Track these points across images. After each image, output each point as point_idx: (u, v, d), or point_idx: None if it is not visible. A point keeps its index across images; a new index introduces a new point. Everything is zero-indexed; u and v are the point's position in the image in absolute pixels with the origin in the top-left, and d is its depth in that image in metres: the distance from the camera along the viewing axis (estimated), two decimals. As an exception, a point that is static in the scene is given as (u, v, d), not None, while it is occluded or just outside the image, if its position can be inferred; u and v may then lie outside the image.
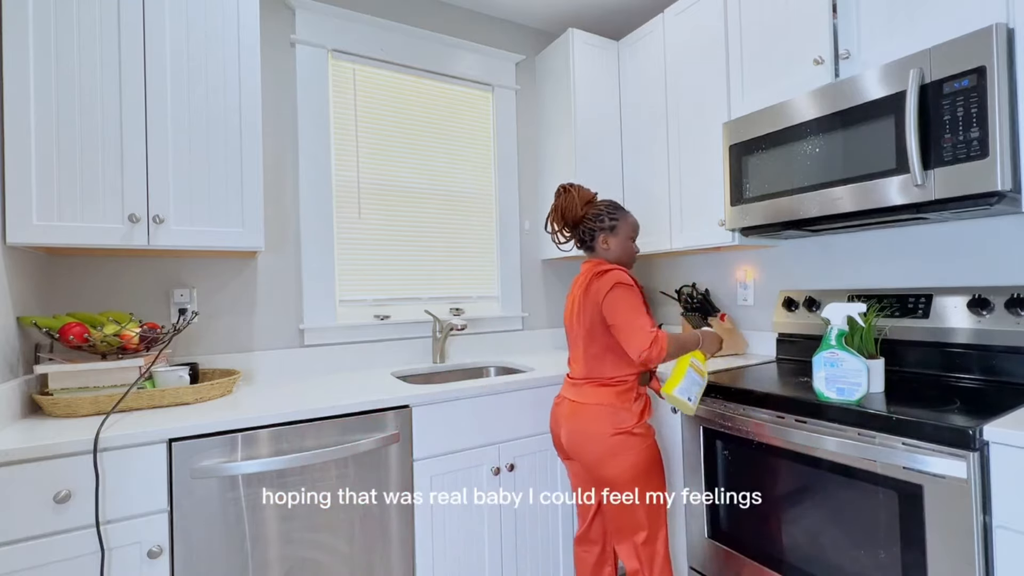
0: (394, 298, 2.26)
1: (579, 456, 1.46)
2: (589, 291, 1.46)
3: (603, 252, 1.56)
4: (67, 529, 1.15)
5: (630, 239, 1.58)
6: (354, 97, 2.18)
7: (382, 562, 1.52)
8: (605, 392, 1.46)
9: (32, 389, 1.45)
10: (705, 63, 2.02)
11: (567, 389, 1.55)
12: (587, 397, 1.47)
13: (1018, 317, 1.40)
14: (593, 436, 1.43)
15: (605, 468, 1.42)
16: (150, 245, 1.48)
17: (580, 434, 1.45)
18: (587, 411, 1.45)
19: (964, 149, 1.25)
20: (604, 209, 1.56)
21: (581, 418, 1.46)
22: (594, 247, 1.57)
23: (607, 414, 1.43)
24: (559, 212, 1.57)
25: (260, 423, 1.36)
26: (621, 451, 1.41)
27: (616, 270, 1.44)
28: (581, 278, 1.53)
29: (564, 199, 1.57)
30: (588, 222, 1.55)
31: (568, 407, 1.51)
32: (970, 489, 1.06)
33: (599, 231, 1.55)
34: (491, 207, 2.52)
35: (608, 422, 1.42)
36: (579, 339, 1.51)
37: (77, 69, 1.40)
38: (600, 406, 1.44)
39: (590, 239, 1.56)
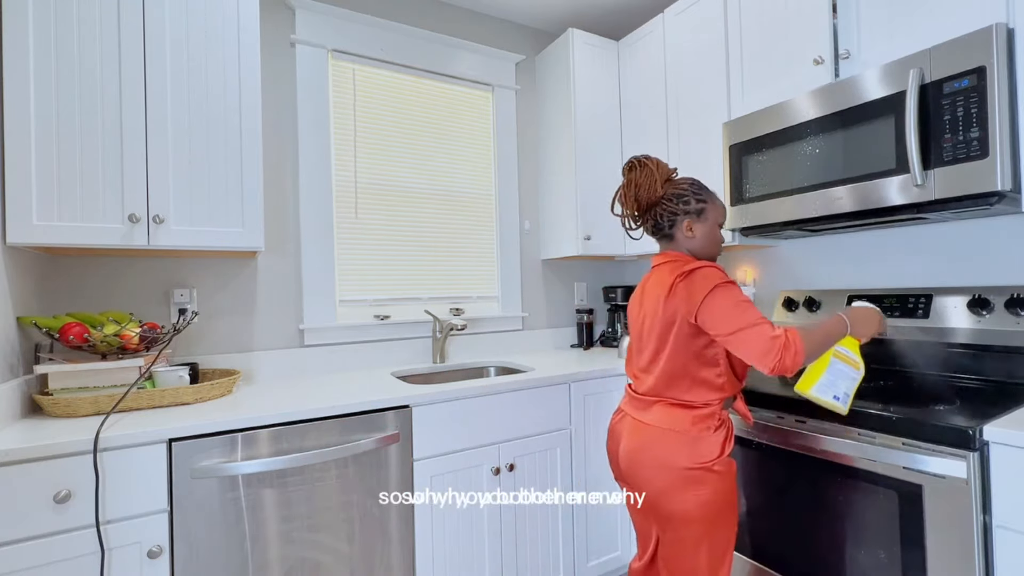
0: (394, 298, 2.26)
1: (638, 484, 1.23)
2: (675, 295, 1.18)
3: (686, 241, 1.29)
4: (67, 529, 1.15)
5: (718, 226, 1.31)
6: (354, 97, 2.18)
7: (382, 562, 1.52)
8: (681, 415, 1.19)
9: (32, 389, 1.45)
10: (705, 63, 2.02)
11: (629, 405, 1.32)
12: (657, 419, 1.22)
13: (1018, 317, 1.40)
14: (661, 466, 1.18)
15: (670, 503, 1.18)
16: (150, 245, 1.48)
17: (644, 460, 1.21)
18: (656, 436, 1.20)
19: (964, 149, 1.25)
20: (688, 188, 1.28)
21: (648, 442, 1.21)
22: (674, 235, 1.29)
23: (683, 443, 1.17)
24: (632, 190, 1.29)
25: (260, 423, 1.36)
26: (694, 488, 1.16)
27: (708, 267, 1.18)
28: (657, 277, 1.27)
29: (640, 174, 1.28)
30: (668, 203, 1.27)
31: (631, 425, 1.28)
32: (970, 489, 1.06)
33: (683, 215, 1.27)
34: (491, 207, 2.52)
35: (683, 453, 1.17)
36: (652, 350, 1.25)
37: (77, 69, 1.40)
38: (674, 432, 1.19)
39: (669, 225, 1.28)
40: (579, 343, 2.65)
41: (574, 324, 2.75)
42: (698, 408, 1.20)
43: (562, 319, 2.71)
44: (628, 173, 1.31)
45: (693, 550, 1.18)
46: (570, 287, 2.74)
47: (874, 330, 1.24)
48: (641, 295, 1.33)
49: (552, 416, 1.85)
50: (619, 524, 2.00)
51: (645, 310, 1.29)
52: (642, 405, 1.27)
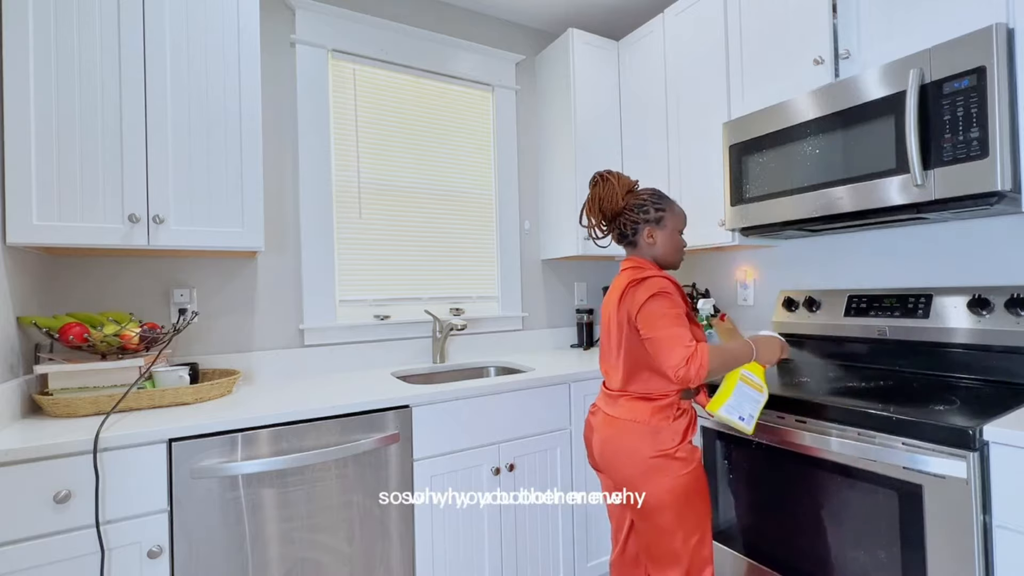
0: (394, 298, 2.26)
1: (610, 473, 1.33)
2: (625, 300, 1.30)
3: (647, 248, 1.39)
4: (67, 529, 1.15)
5: (678, 232, 1.41)
6: (354, 97, 2.18)
7: (382, 562, 1.52)
8: (642, 407, 1.29)
9: (32, 389, 1.45)
10: (705, 63, 2.02)
11: (602, 400, 1.41)
12: (622, 412, 1.31)
13: (1018, 317, 1.40)
14: (628, 455, 1.27)
15: (639, 489, 1.27)
16: (150, 245, 1.48)
17: (613, 450, 1.30)
18: (622, 427, 1.30)
19: (964, 149, 1.25)
20: (648, 199, 1.38)
21: (616, 433, 1.31)
22: (637, 242, 1.39)
23: (645, 432, 1.27)
24: (596, 203, 1.39)
25: (260, 423, 1.36)
26: (658, 475, 1.24)
27: (656, 277, 1.27)
28: (619, 280, 1.37)
29: (602, 188, 1.39)
30: (630, 213, 1.37)
31: (602, 419, 1.37)
32: (970, 489, 1.06)
33: (643, 224, 1.37)
34: (491, 207, 2.52)
35: (645, 441, 1.26)
36: (614, 348, 1.36)
37: (77, 69, 1.40)
38: (636, 423, 1.28)
39: (632, 233, 1.39)
40: (579, 343, 2.66)
41: (574, 324, 2.75)
42: (656, 399, 1.30)
43: (562, 319, 2.71)
44: (592, 188, 1.42)
45: (669, 535, 1.26)
46: (570, 287, 2.75)
47: (776, 356, 1.35)
48: (609, 294, 1.42)
49: (552, 416, 1.85)
50: (619, 524, 2.00)
51: (609, 309, 1.39)
52: (611, 399, 1.37)
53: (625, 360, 1.32)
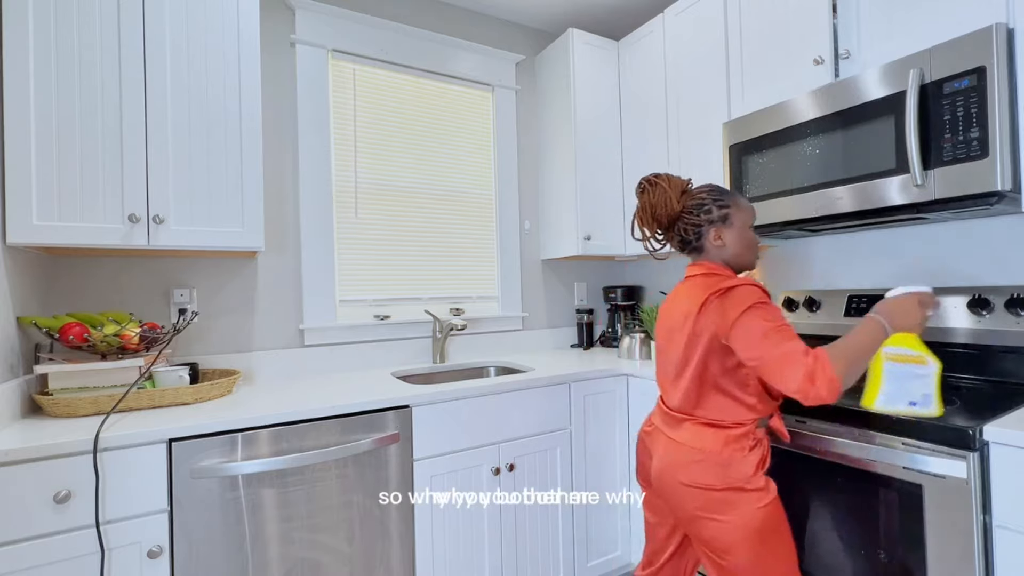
0: (394, 298, 2.26)
1: (669, 503, 1.19)
2: (706, 313, 1.13)
3: (716, 251, 1.24)
4: (67, 529, 1.15)
5: (748, 227, 1.25)
6: (354, 97, 2.18)
7: (382, 562, 1.52)
8: (712, 435, 1.14)
9: (32, 389, 1.45)
10: (705, 63, 2.02)
11: (661, 419, 1.27)
12: (688, 438, 1.16)
13: (1018, 317, 1.40)
14: (692, 487, 1.13)
15: (703, 527, 1.12)
16: (150, 245, 1.48)
17: (674, 481, 1.16)
18: (686, 456, 1.15)
19: (964, 149, 1.25)
20: (707, 197, 1.25)
21: (678, 461, 1.16)
22: (703, 246, 1.25)
23: (713, 464, 1.11)
24: (649, 211, 1.26)
25: (260, 423, 1.36)
26: (728, 510, 1.10)
27: (746, 286, 1.11)
28: (690, 289, 1.21)
29: (652, 194, 1.26)
30: (690, 216, 1.24)
31: (664, 443, 1.22)
32: (970, 489, 1.06)
33: (707, 225, 1.23)
34: (491, 207, 2.52)
35: (713, 474, 1.11)
36: (679, 366, 1.20)
37: (77, 69, 1.40)
38: (704, 452, 1.13)
39: (696, 237, 1.25)
40: (579, 343, 2.66)
41: (574, 324, 2.75)
42: (729, 428, 1.14)
43: (562, 319, 2.71)
44: (641, 196, 1.29)
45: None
46: (570, 287, 2.75)
47: (916, 317, 1.06)
48: (672, 304, 1.27)
49: (552, 416, 1.85)
50: (619, 524, 2.00)
51: (674, 321, 1.23)
52: (672, 421, 1.23)
53: (695, 381, 1.17)
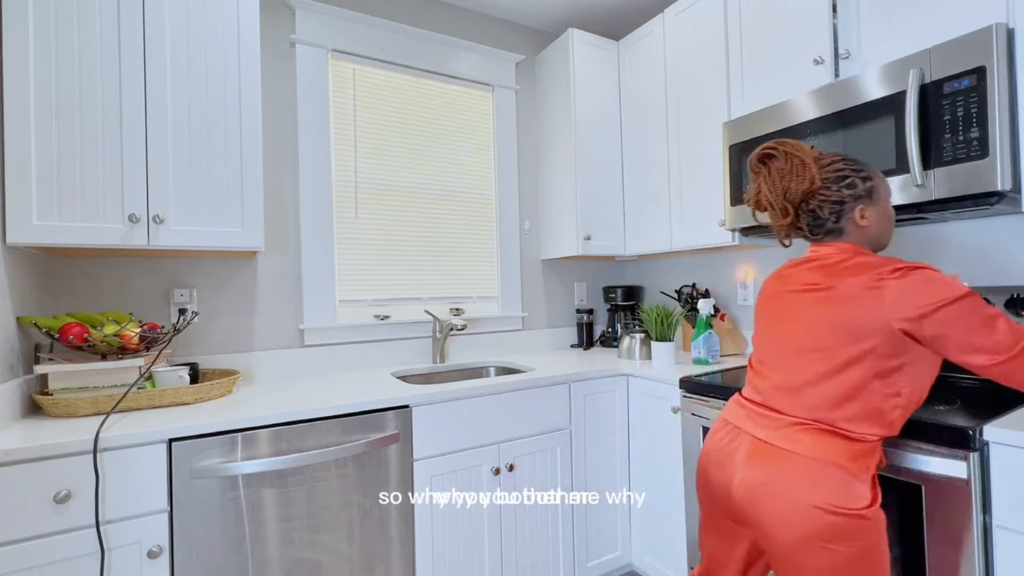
0: (394, 298, 2.26)
1: (766, 525, 0.98)
2: (882, 298, 0.94)
3: (858, 232, 1.06)
4: (67, 529, 1.15)
5: (888, 200, 1.09)
6: (354, 97, 2.18)
7: (382, 562, 1.52)
8: (837, 446, 0.96)
9: (32, 389, 1.45)
10: (705, 63, 2.02)
11: (752, 422, 1.06)
12: (806, 447, 0.97)
13: (1018, 317, 1.40)
14: (804, 506, 0.94)
15: (811, 556, 0.93)
16: (150, 245, 1.48)
17: (778, 496, 0.96)
18: (802, 467, 0.96)
19: (964, 149, 1.25)
20: (847, 167, 1.06)
21: (787, 473, 0.96)
22: (841, 228, 1.06)
23: (835, 480, 0.94)
24: (780, 188, 1.05)
25: (260, 423, 1.36)
26: (840, 539, 0.92)
27: (928, 268, 0.95)
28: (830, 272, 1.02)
29: (785, 165, 1.05)
30: (828, 191, 1.04)
31: (758, 449, 1.02)
32: (970, 489, 1.06)
33: (851, 201, 1.04)
34: (491, 207, 2.52)
35: (832, 491, 0.93)
36: (819, 363, 1.00)
37: (77, 69, 1.40)
38: (823, 464, 0.95)
39: (835, 218, 1.05)
40: (579, 343, 2.66)
41: (574, 324, 2.75)
42: (857, 442, 0.97)
43: (562, 319, 2.71)
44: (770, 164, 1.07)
45: None
46: (570, 287, 2.75)
47: None
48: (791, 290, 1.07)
49: (552, 416, 1.85)
50: (619, 524, 2.00)
51: (802, 310, 1.04)
52: (777, 425, 1.02)
53: (842, 381, 0.98)
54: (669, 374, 1.81)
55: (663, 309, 2.02)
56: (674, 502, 1.81)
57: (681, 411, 1.73)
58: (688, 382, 1.70)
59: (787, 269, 1.13)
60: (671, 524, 1.82)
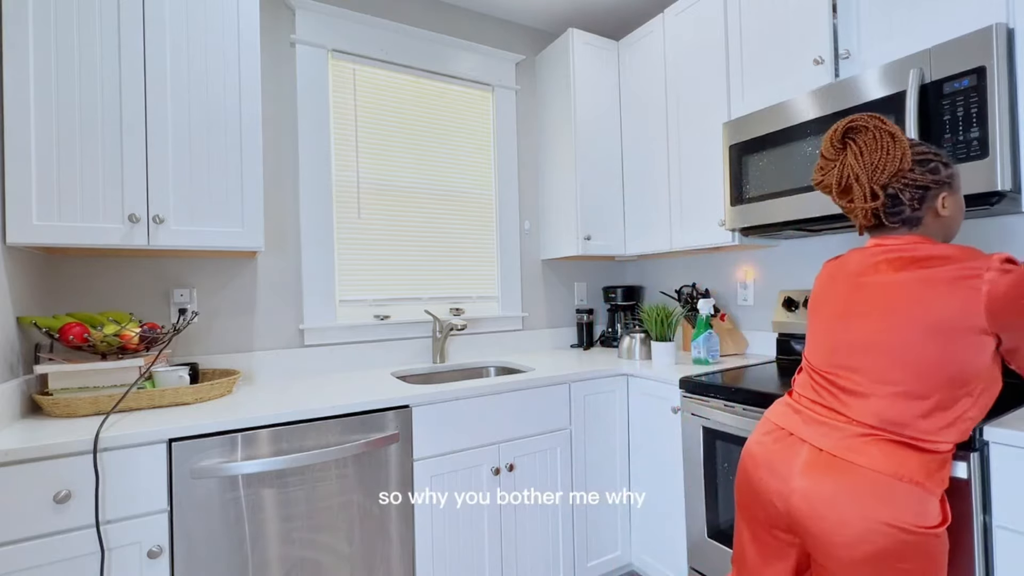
0: (394, 298, 2.26)
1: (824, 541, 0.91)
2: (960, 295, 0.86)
3: (934, 224, 0.98)
4: (67, 529, 1.15)
5: (962, 207, 1.03)
6: (354, 97, 2.18)
7: (382, 562, 1.52)
8: (912, 460, 0.88)
9: (32, 389, 1.45)
10: (705, 63, 2.02)
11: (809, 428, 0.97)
12: (876, 461, 0.89)
13: (1018, 317, 1.40)
14: (876, 524, 0.87)
15: (874, 574, 0.87)
16: (150, 245, 1.48)
17: (843, 513, 0.89)
18: (871, 483, 0.88)
19: (964, 149, 1.25)
20: (929, 151, 0.97)
21: (851, 488, 0.89)
22: (919, 217, 0.97)
23: (910, 497, 0.87)
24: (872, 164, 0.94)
25: (260, 423, 1.36)
26: (910, 558, 0.86)
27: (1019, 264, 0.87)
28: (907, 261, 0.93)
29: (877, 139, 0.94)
30: (915, 175, 0.94)
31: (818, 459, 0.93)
32: (970, 489, 1.06)
33: (935, 188, 0.95)
34: (491, 207, 2.52)
35: (906, 509, 0.86)
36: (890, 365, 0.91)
37: (77, 70, 1.40)
38: (896, 480, 0.88)
39: (915, 205, 0.96)
40: (579, 343, 2.66)
41: (574, 324, 2.75)
42: (931, 453, 0.90)
43: (562, 319, 2.71)
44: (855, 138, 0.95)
45: None
46: (570, 287, 2.75)
47: None
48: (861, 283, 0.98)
49: (552, 416, 1.85)
50: (619, 524, 2.00)
51: (876, 304, 0.94)
52: (842, 435, 0.93)
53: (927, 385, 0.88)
54: (669, 374, 1.81)
55: (663, 309, 2.02)
56: (674, 502, 1.81)
57: (681, 411, 1.73)
58: (688, 382, 1.70)
59: (855, 254, 1.03)
60: (671, 524, 1.82)
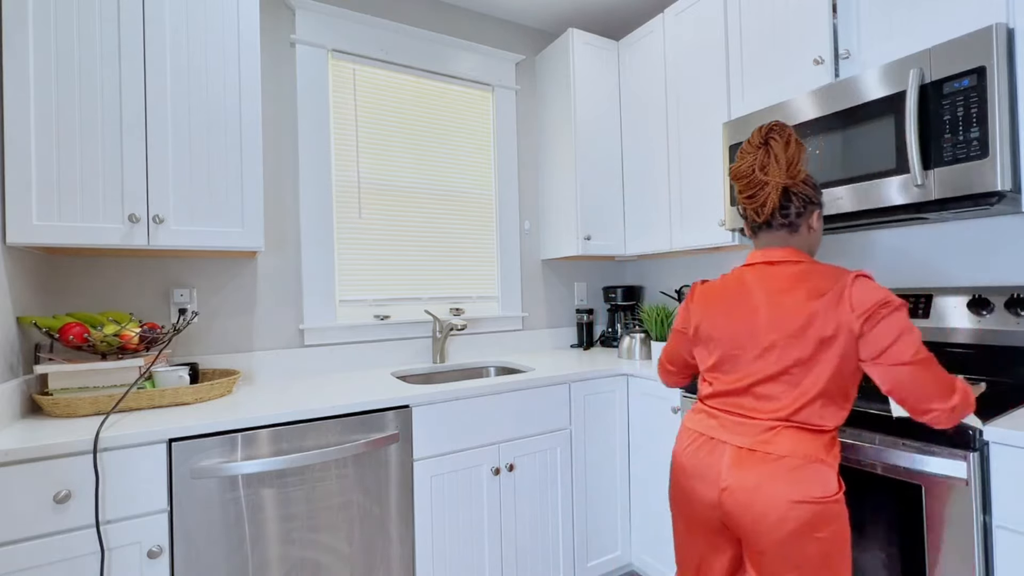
0: (394, 298, 2.26)
1: (757, 527, 1.00)
2: (838, 302, 0.99)
3: (808, 235, 1.12)
4: (67, 529, 1.15)
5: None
6: (354, 97, 2.18)
7: (382, 562, 1.52)
8: (813, 441, 1.01)
9: (32, 389, 1.45)
10: (705, 63, 2.02)
11: (726, 431, 1.08)
12: (790, 448, 1.00)
13: (1018, 317, 1.40)
14: (796, 503, 0.97)
15: (800, 548, 0.97)
16: (150, 245, 1.48)
17: (769, 499, 0.98)
18: (788, 469, 0.99)
19: (964, 149, 1.25)
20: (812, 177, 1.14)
21: (777, 477, 0.99)
22: (799, 226, 1.10)
23: (817, 474, 0.98)
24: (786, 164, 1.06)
25: (260, 423, 1.36)
26: (824, 526, 0.97)
27: (874, 282, 1.01)
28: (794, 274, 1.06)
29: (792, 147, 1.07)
30: (806, 188, 1.08)
31: (740, 457, 1.03)
32: (970, 489, 1.06)
33: (814, 205, 1.10)
34: (491, 207, 2.52)
35: (816, 484, 0.98)
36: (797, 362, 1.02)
37: (77, 69, 1.40)
38: (806, 461, 0.99)
39: (798, 214, 1.09)
40: (579, 343, 2.65)
41: (574, 324, 2.75)
42: (824, 433, 1.02)
43: (562, 319, 2.71)
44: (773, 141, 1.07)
45: None
46: (570, 287, 2.75)
47: None
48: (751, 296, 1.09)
49: (552, 416, 1.85)
50: (619, 524, 2.00)
51: (771, 314, 1.05)
52: (755, 431, 1.04)
53: (819, 380, 1.01)
54: (669, 374, 1.81)
55: (663, 309, 2.02)
56: (674, 502, 1.80)
57: (681, 411, 1.73)
58: (688, 382, 1.70)
59: (748, 273, 1.14)
60: (671, 524, 1.82)
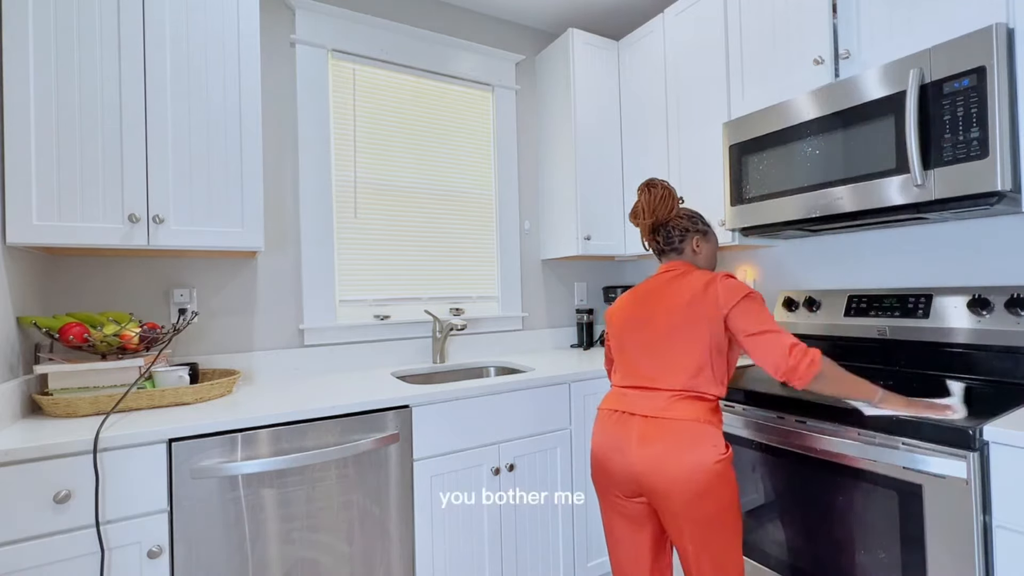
0: (394, 298, 2.26)
1: (671, 493, 1.17)
2: (710, 295, 1.24)
3: (692, 256, 1.42)
4: (67, 529, 1.15)
5: (716, 251, 1.47)
6: (354, 97, 2.18)
7: (382, 562, 1.52)
8: (702, 407, 1.21)
9: (32, 389, 1.45)
10: (705, 63, 2.02)
11: (637, 403, 1.27)
12: (682, 412, 1.20)
13: (1018, 317, 1.40)
14: (699, 462, 1.15)
15: (702, 506, 1.15)
16: (150, 245, 1.48)
17: (671, 461, 1.16)
18: (685, 430, 1.18)
19: (964, 149, 1.25)
20: (696, 214, 1.45)
21: (673, 440, 1.18)
22: (683, 249, 1.41)
23: (709, 435, 1.18)
24: (653, 208, 1.38)
25: (260, 423, 1.36)
26: (721, 483, 1.16)
27: (735, 277, 1.28)
28: (677, 280, 1.32)
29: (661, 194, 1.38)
30: (681, 221, 1.41)
31: (647, 425, 1.22)
32: (970, 489, 1.06)
33: (692, 232, 1.41)
34: (491, 207, 2.52)
35: (711, 444, 1.17)
36: (680, 346, 1.25)
37: (77, 68, 1.40)
38: (698, 423, 1.18)
39: (680, 239, 1.40)
40: (579, 343, 2.65)
41: (574, 324, 2.75)
42: (712, 401, 1.24)
43: (562, 319, 2.71)
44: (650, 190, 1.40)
45: (732, 539, 1.20)
46: (570, 287, 2.75)
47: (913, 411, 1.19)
48: (649, 297, 1.35)
49: (552, 416, 1.85)
50: (619, 524, 2.00)
51: (661, 309, 1.31)
52: (660, 401, 1.24)
53: (699, 357, 1.23)
54: (669, 374, 1.81)
55: (663, 309, 2.01)
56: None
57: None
58: (688, 382, 1.71)
59: (651, 283, 1.39)
60: (671, 524, 1.82)
